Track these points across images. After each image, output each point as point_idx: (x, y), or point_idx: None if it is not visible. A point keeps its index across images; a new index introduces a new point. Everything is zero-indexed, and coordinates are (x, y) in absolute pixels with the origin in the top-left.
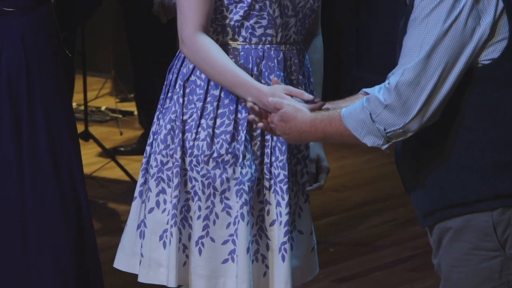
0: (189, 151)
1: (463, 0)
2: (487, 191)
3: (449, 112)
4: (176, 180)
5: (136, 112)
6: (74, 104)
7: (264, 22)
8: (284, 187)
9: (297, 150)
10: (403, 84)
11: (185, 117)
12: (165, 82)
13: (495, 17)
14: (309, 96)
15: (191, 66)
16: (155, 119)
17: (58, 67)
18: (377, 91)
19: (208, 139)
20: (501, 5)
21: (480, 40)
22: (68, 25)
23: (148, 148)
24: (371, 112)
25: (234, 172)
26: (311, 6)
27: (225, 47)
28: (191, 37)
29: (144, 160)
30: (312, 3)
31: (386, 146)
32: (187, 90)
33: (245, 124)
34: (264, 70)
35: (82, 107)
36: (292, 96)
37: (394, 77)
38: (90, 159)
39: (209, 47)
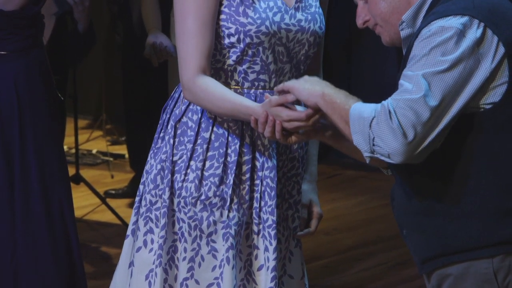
0: (177, 192)
1: (463, 42)
2: (488, 237)
3: (449, 157)
4: (163, 221)
5: (127, 155)
6: (65, 147)
7: (257, 68)
8: (273, 232)
9: (289, 195)
10: (401, 115)
11: (175, 158)
12: (159, 122)
13: (495, 61)
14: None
15: (183, 107)
16: (148, 158)
17: (50, 110)
18: (387, 103)
19: (197, 181)
20: (501, 50)
21: (479, 84)
22: (60, 68)
23: (141, 187)
24: (374, 117)
25: (221, 215)
26: (306, 53)
27: None
28: (191, 81)
29: (137, 199)
30: (307, 50)
31: (368, 155)
32: (178, 131)
33: (234, 167)
34: None
35: (73, 150)
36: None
37: (396, 104)
38: (81, 202)
39: (208, 86)
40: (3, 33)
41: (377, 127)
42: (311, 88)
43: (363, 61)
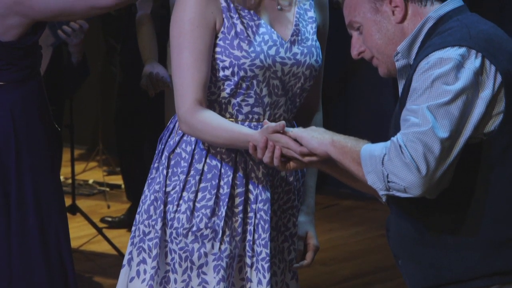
0: (169, 223)
1: (463, 73)
2: (483, 268)
3: (445, 189)
4: (155, 251)
5: (123, 186)
6: (61, 177)
7: (251, 101)
8: (266, 265)
9: (285, 227)
10: (412, 148)
11: (168, 189)
12: (156, 152)
13: (494, 90)
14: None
15: (177, 138)
16: (144, 188)
17: (47, 141)
18: (396, 139)
19: (188, 212)
20: (499, 79)
21: (482, 113)
22: (56, 98)
23: (137, 217)
24: (386, 154)
25: (212, 247)
26: (302, 86)
27: None
28: (188, 114)
29: (133, 229)
30: (303, 83)
31: (383, 192)
32: (172, 162)
33: (227, 200)
34: None
35: (70, 180)
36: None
37: (406, 138)
38: (78, 232)
39: (205, 118)
40: (0, 63)
41: (390, 163)
42: (320, 137)
43: (359, 92)
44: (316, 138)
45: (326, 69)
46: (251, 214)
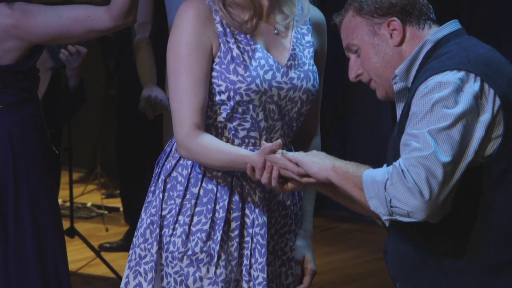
0: (165, 246)
1: (463, 97)
2: None
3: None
4: (150, 275)
5: (121, 208)
6: (60, 201)
7: (247, 125)
8: None
9: (282, 252)
10: (414, 173)
11: (164, 212)
12: (153, 175)
13: (494, 114)
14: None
15: (173, 162)
16: (141, 211)
17: (45, 164)
18: (398, 163)
19: (184, 236)
20: (498, 102)
21: (482, 136)
22: (55, 121)
23: (134, 240)
24: (388, 179)
25: (208, 271)
26: (298, 110)
27: None
28: (186, 138)
29: (130, 252)
30: (300, 107)
31: (386, 218)
32: (168, 186)
33: (222, 224)
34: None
35: (68, 204)
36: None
37: (408, 163)
38: (76, 255)
39: (203, 141)
40: None
41: (392, 188)
42: (321, 162)
43: (357, 115)
44: (317, 163)
45: (324, 92)
46: (247, 239)
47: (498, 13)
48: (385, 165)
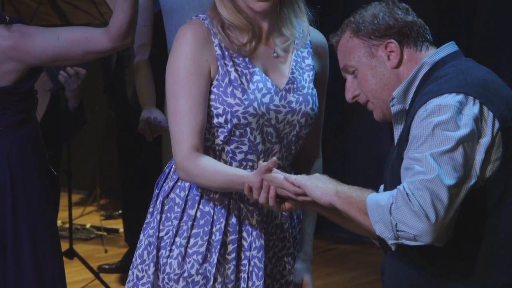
0: (162, 268)
1: (463, 120)
2: None
3: None
4: None
5: (121, 230)
6: (59, 222)
7: (245, 148)
8: None
9: (280, 275)
10: (420, 197)
11: (161, 234)
12: (153, 196)
13: (493, 136)
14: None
15: (171, 184)
16: (141, 232)
17: (43, 185)
18: (402, 187)
19: (180, 258)
20: (497, 124)
21: (483, 158)
22: (54, 143)
23: (133, 261)
24: (393, 203)
25: None
26: (297, 134)
27: None
28: (185, 160)
29: (129, 273)
30: (298, 130)
31: (392, 242)
32: (166, 207)
33: (218, 246)
34: (244, 196)
35: (67, 225)
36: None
37: (413, 186)
38: (75, 277)
39: (201, 163)
40: None
41: (398, 212)
42: (324, 187)
43: (356, 138)
44: (320, 188)
45: (324, 113)
46: (244, 262)
47: (496, 27)
48: (382, 186)
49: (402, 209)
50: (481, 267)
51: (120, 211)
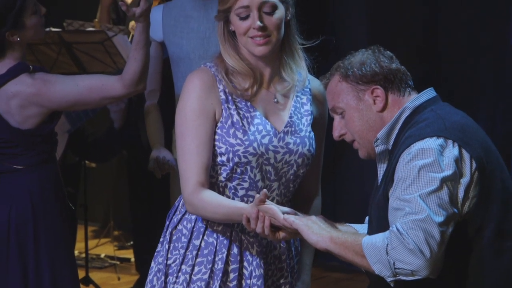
0: None
1: (445, 161)
2: None
3: None
4: None
5: (132, 259)
6: (76, 252)
7: (246, 185)
8: None
9: None
10: (414, 235)
11: (169, 262)
12: (164, 227)
13: (471, 176)
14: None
15: (179, 216)
16: (152, 260)
17: (62, 219)
18: (395, 228)
19: (185, 284)
20: (474, 165)
21: (462, 197)
22: (73, 180)
23: (145, 286)
24: (388, 244)
25: None
26: (295, 172)
27: None
28: (191, 196)
29: None
30: (296, 170)
31: (391, 279)
32: (174, 237)
33: (220, 274)
34: (245, 229)
35: (84, 255)
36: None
37: (406, 226)
38: None
39: (206, 197)
40: (20, 149)
41: (394, 251)
42: (319, 233)
43: (347, 177)
44: (316, 234)
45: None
46: None
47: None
48: (367, 217)
49: (397, 249)
50: None
51: (131, 242)
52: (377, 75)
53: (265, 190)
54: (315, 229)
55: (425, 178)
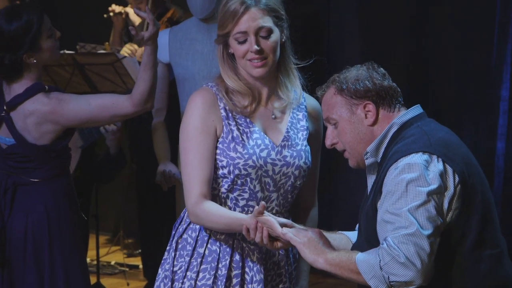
0: None
1: (430, 176)
2: None
3: None
4: None
5: (140, 266)
6: (88, 259)
7: (246, 196)
8: None
9: None
10: (405, 249)
11: (175, 268)
12: (171, 236)
13: (454, 189)
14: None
15: (185, 226)
16: (159, 267)
17: (75, 228)
18: (386, 244)
19: None
20: (457, 178)
21: (446, 209)
22: (85, 192)
23: None
24: (381, 260)
25: None
26: (292, 184)
27: None
28: (194, 207)
29: None
30: (293, 181)
31: None
32: (179, 246)
33: (224, 280)
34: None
35: (95, 262)
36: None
37: (397, 241)
38: None
39: (207, 208)
40: (35, 163)
41: (387, 267)
42: (315, 255)
43: (342, 189)
44: (312, 256)
45: None
46: None
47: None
48: (357, 225)
49: (390, 264)
50: None
51: (140, 250)
52: (370, 91)
53: (263, 202)
54: (311, 249)
55: (413, 192)
